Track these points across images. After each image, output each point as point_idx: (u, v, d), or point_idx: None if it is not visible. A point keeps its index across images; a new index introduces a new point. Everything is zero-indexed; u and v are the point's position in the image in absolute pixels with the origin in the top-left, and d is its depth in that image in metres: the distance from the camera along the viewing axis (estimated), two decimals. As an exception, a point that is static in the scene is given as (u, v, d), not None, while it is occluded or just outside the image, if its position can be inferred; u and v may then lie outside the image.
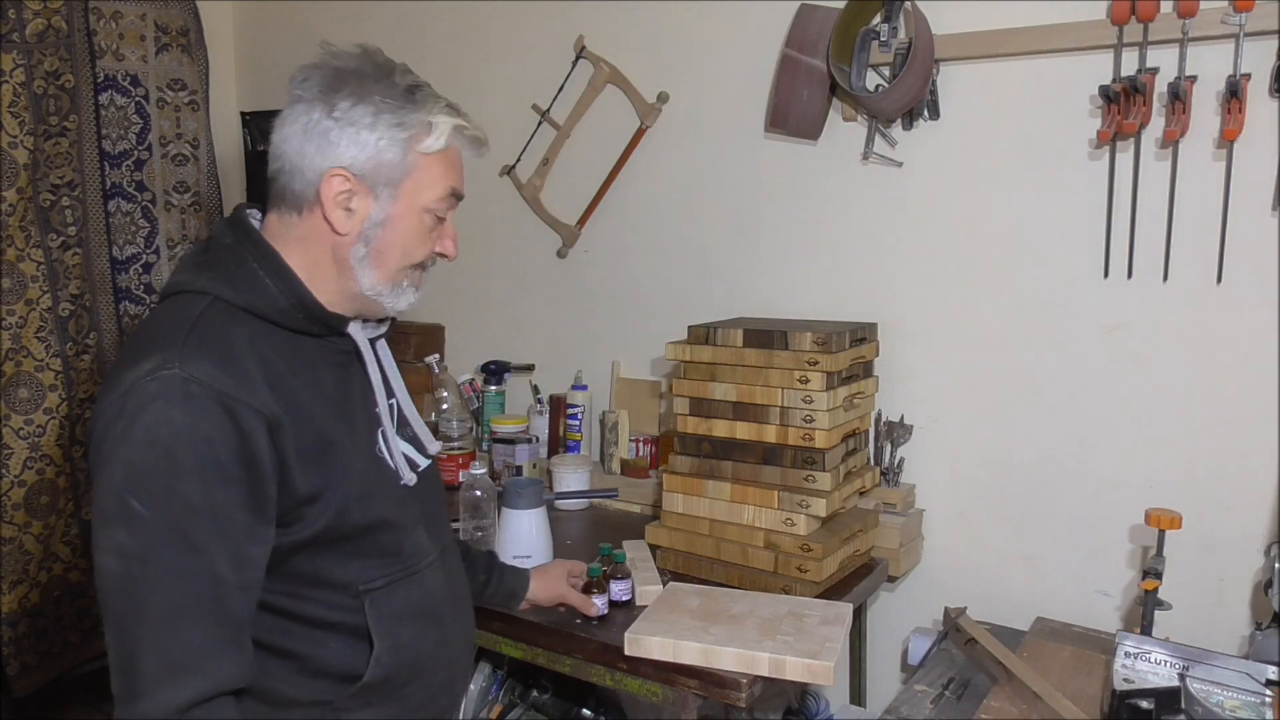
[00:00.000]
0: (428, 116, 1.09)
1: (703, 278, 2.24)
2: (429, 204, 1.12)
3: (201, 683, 0.94)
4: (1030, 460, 1.87)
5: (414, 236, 1.12)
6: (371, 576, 1.10)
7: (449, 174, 1.13)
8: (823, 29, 1.90)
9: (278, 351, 1.06)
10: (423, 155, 1.10)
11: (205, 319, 1.03)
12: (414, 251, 1.13)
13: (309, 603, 1.07)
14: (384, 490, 1.14)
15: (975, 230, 1.89)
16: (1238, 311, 1.65)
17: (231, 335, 1.03)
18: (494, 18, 2.50)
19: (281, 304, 1.07)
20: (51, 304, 2.67)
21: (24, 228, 2.59)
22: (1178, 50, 1.61)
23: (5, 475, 2.61)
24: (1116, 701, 1.34)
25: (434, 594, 1.18)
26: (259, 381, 1.01)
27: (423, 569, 1.17)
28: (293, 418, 1.02)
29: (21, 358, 2.62)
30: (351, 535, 1.08)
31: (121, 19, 2.80)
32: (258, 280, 1.07)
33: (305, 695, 1.08)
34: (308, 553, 1.06)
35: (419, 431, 1.25)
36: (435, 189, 1.12)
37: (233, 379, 0.98)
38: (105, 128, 2.79)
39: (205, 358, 0.98)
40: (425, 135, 1.09)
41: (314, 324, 1.10)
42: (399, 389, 1.24)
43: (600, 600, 1.62)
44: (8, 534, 2.62)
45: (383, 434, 1.17)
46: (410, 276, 1.14)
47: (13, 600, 2.65)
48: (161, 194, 2.95)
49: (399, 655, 1.11)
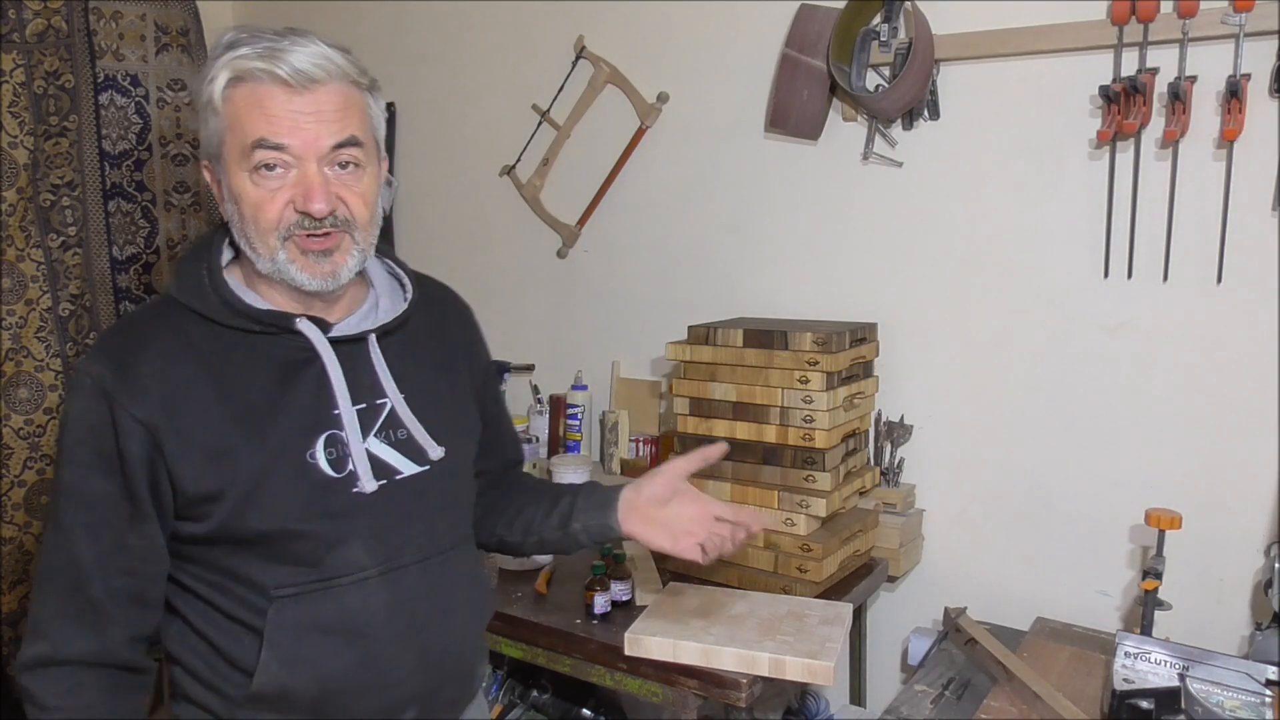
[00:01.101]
0: (211, 72, 1.03)
1: (703, 278, 2.24)
2: (241, 162, 1.03)
3: (44, 646, 1.05)
4: (1030, 460, 1.87)
5: (251, 196, 1.03)
6: (284, 583, 1.06)
7: (249, 117, 1.01)
8: (823, 29, 1.90)
9: (212, 351, 1.06)
10: (218, 115, 1.03)
11: (135, 318, 1.10)
12: (264, 211, 1.03)
13: (229, 597, 1.07)
14: (300, 498, 1.06)
15: (975, 230, 1.89)
16: (1238, 311, 1.65)
17: (151, 335, 1.06)
18: (494, 18, 2.50)
19: (213, 302, 1.07)
20: (51, 304, 2.67)
21: (24, 228, 2.59)
22: (1178, 50, 1.61)
23: (5, 475, 2.61)
24: (1116, 701, 1.34)
25: (354, 611, 1.08)
26: (149, 386, 1.03)
27: (343, 584, 1.08)
28: (179, 422, 1.03)
29: (21, 358, 2.62)
30: (251, 540, 1.05)
31: (121, 19, 2.80)
32: (199, 279, 1.08)
33: (221, 684, 1.08)
34: (223, 548, 1.06)
35: (418, 435, 1.14)
36: (238, 141, 1.02)
37: (120, 380, 1.02)
38: (105, 128, 2.79)
39: (106, 357, 1.05)
40: (215, 92, 1.02)
41: (248, 321, 1.07)
42: (391, 389, 1.14)
43: (602, 599, 1.62)
44: (8, 534, 2.62)
45: (329, 439, 1.08)
46: (287, 248, 1.05)
47: (13, 600, 2.65)
48: (161, 194, 2.95)
49: (296, 669, 1.06)
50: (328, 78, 1.03)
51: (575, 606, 1.67)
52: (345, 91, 1.05)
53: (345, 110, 1.05)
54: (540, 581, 1.77)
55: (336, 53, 1.05)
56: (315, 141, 1.02)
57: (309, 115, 1.02)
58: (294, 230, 1.04)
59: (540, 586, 1.75)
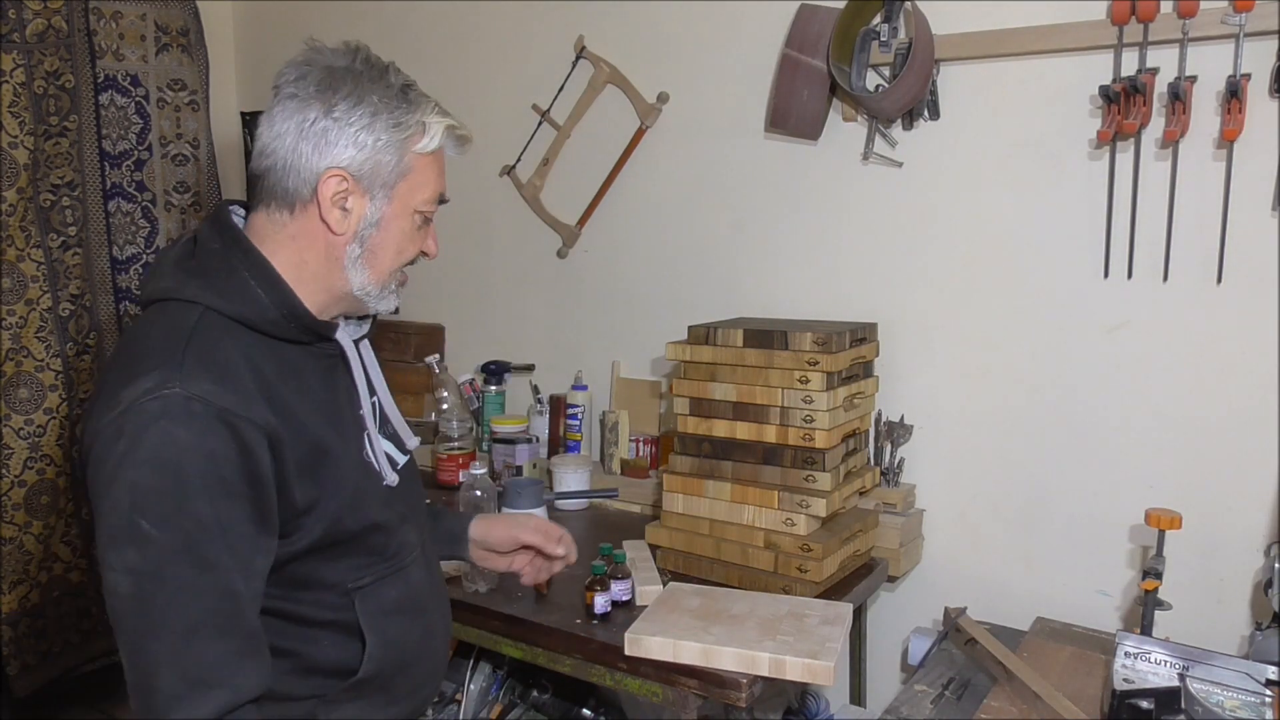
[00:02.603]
0: (422, 117, 1.10)
1: (703, 278, 2.24)
2: (420, 205, 1.13)
3: (225, 695, 0.96)
4: (1030, 460, 1.87)
5: (406, 237, 1.13)
6: (360, 575, 1.12)
7: (439, 175, 1.15)
8: (823, 29, 1.90)
9: (267, 360, 1.06)
10: (417, 156, 1.11)
11: (200, 333, 1.02)
12: (406, 251, 1.14)
13: (301, 604, 1.08)
14: (372, 493, 1.15)
15: (975, 230, 1.89)
16: (1238, 311, 1.65)
17: (226, 349, 1.03)
18: (494, 18, 2.51)
19: (272, 315, 1.07)
20: (51, 304, 2.67)
21: (24, 228, 2.59)
22: (1178, 50, 1.61)
23: (5, 475, 2.61)
24: (1116, 701, 1.34)
25: (418, 587, 1.20)
26: (256, 395, 1.01)
27: (408, 565, 1.19)
28: (289, 429, 1.03)
29: (21, 358, 2.62)
30: (344, 541, 1.10)
31: (121, 19, 2.80)
32: (249, 290, 1.06)
33: (300, 691, 1.10)
34: (300, 559, 1.07)
35: (398, 428, 1.26)
36: (426, 190, 1.13)
37: (233, 395, 0.99)
38: (105, 128, 2.79)
39: (205, 375, 0.98)
40: (420, 136, 1.10)
41: (304, 333, 1.10)
42: (380, 386, 1.25)
43: (602, 599, 1.62)
44: (8, 534, 2.62)
45: (367, 436, 1.18)
46: (398, 277, 1.16)
47: (13, 600, 2.65)
48: (161, 194, 2.95)
49: (389, 650, 1.14)
50: None
51: (575, 606, 1.67)
52: None
53: None
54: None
55: None
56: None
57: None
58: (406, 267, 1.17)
59: (540, 586, 1.75)
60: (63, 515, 2.76)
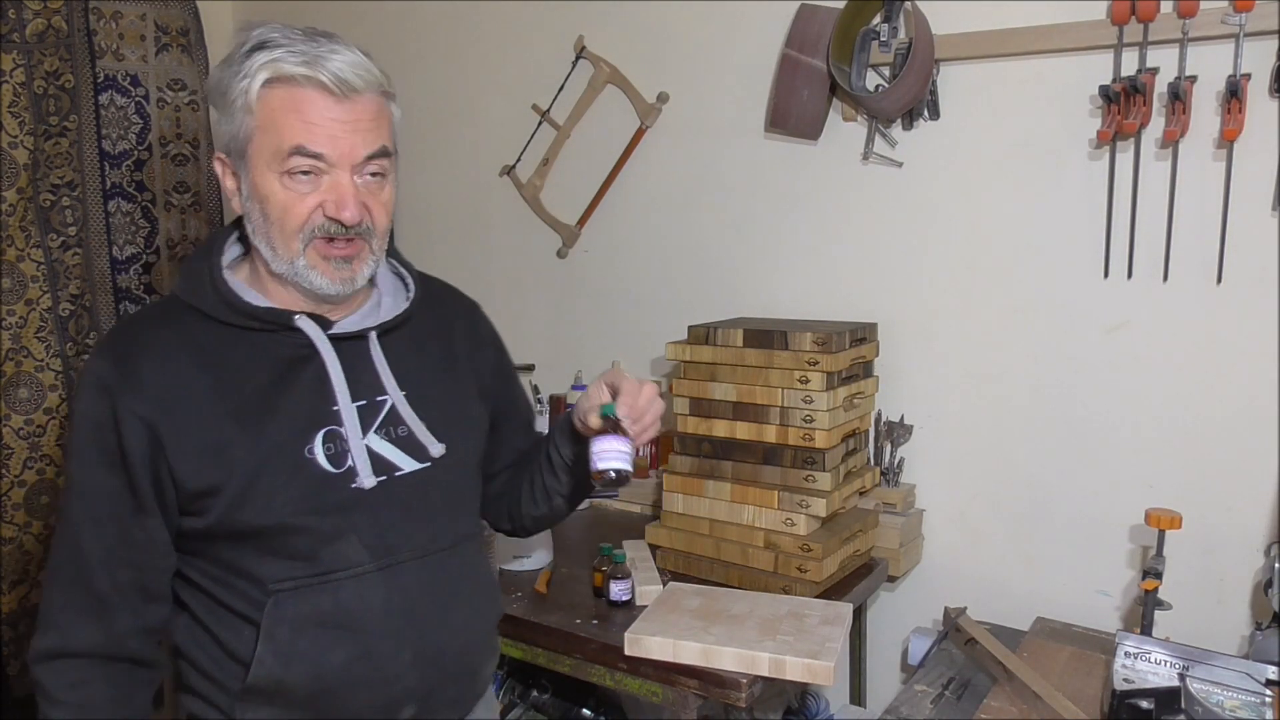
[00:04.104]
0: (245, 74, 1.02)
1: (703, 278, 2.24)
2: (272, 164, 1.03)
3: (53, 638, 1.09)
4: (1030, 460, 1.87)
5: (278, 200, 1.03)
6: (282, 577, 1.07)
7: (286, 127, 1.01)
8: (823, 29, 1.90)
9: (212, 345, 1.07)
10: (250, 114, 1.02)
11: (140, 316, 1.12)
12: (290, 215, 1.03)
13: (231, 592, 1.08)
14: (295, 493, 1.06)
15: (975, 230, 1.89)
16: (1238, 311, 1.65)
17: (152, 333, 1.07)
18: (494, 18, 2.50)
19: (211, 300, 1.08)
20: (51, 304, 2.67)
21: (24, 228, 2.59)
22: (1178, 50, 1.61)
23: (5, 475, 2.61)
24: (1116, 701, 1.34)
25: (351, 606, 1.08)
26: (148, 382, 1.04)
27: (340, 579, 1.08)
28: (177, 419, 1.04)
29: (21, 358, 2.62)
30: (248, 534, 1.06)
31: (121, 19, 2.80)
32: (200, 278, 1.10)
33: (222, 677, 1.10)
34: (224, 543, 1.07)
35: (418, 433, 1.14)
36: (270, 144, 1.02)
37: (120, 377, 1.03)
38: (105, 128, 2.79)
39: (109, 354, 1.06)
40: (246, 93, 1.02)
41: (247, 319, 1.08)
42: (390, 385, 1.14)
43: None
44: (8, 534, 2.62)
45: (327, 434, 1.09)
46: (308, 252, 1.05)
47: (13, 600, 2.65)
48: (162, 194, 2.95)
49: (292, 663, 1.06)
50: (365, 86, 1.04)
51: (576, 606, 1.67)
52: (377, 102, 1.08)
53: (378, 120, 1.07)
54: (540, 582, 1.77)
55: (369, 60, 1.07)
56: (351, 151, 1.04)
57: (347, 124, 1.03)
58: (317, 234, 1.05)
59: (540, 586, 1.75)
60: (63, 515, 2.76)
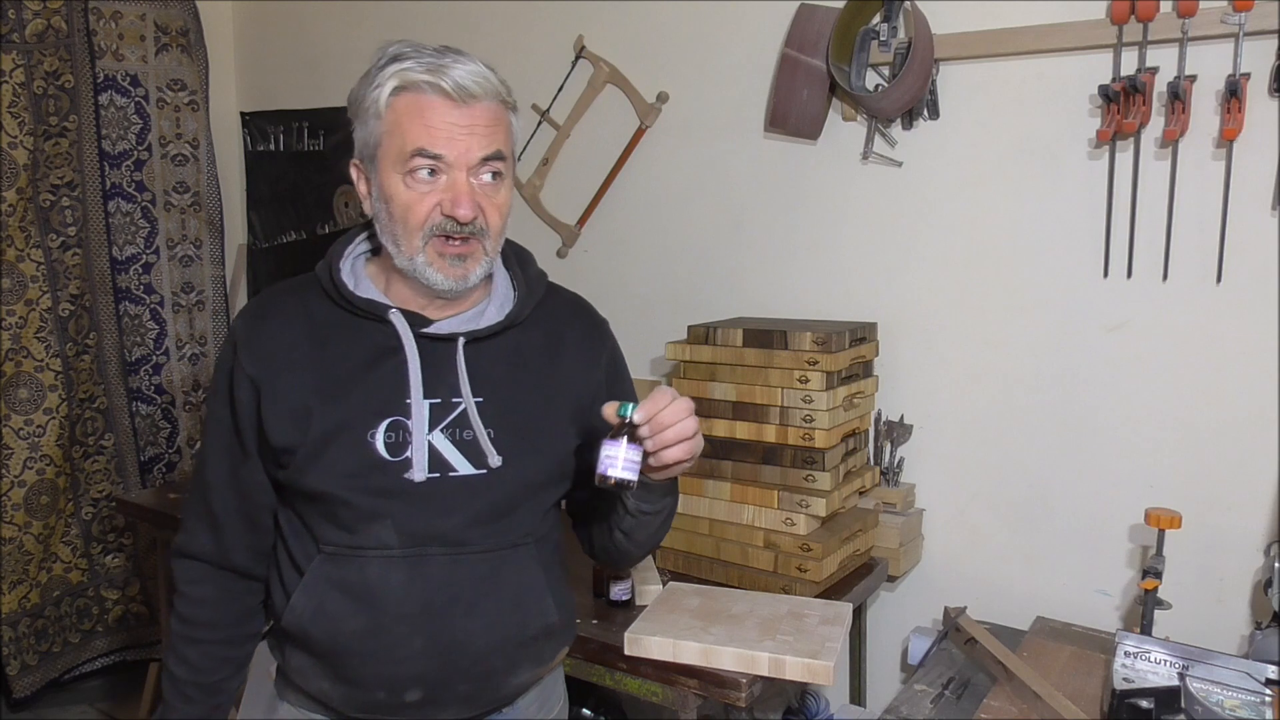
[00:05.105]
0: (378, 81, 1.11)
1: (703, 278, 2.24)
2: (396, 163, 1.11)
3: (182, 539, 1.26)
4: (1030, 460, 1.87)
5: (402, 200, 1.11)
6: (329, 541, 1.16)
7: (410, 130, 1.09)
8: (822, 29, 1.90)
9: (323, 321, 1.18)
10: (381, 119, 1.11)
11: (284, 284, 1.25)
12: (412, 214, 1.11)
13: (297, 541, 1.20)
14: (348, 469, 1.14)
15: (975, 230, 1.89)
16: (1238, 311, 1.65)
17: (282, 302, 1.21)
18: (494, 18, 2.51)
19: (328, 284, 1.19)
20: (51, 304, 2.67)
21: (24, 228, 2.59)
22: (1177, 50, 1.61)
23: (5, 475, 2.61)
24: (1116, 701, 1.34)
25: (375, 584, 1.15)
26: (264, 345, 1.17)
27: (370, 556, 1.15)
28: (276, 381, 1.16)
29: (21, 358, 2.62)
30: (311, 496, 1.16)
31: (121, 19, 2.80)
32: (326, 262, 1.22)
33: (276, 612, 1.23)
34: (299, 498, 1.18)
35: (481, 440, 1.17)
36: (395, 147, 1.10)
37: (247, 336, 1.18)
38: (105, 128, 2.79)
39: (249, 313, 1.22)
40: (379, 99, 1.11)
41: (350, 305, 1.18)
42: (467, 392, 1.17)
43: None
44: (8, 534, 2.62)
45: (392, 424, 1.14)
46: (427, 249, 1.12)
47: (13, 600, 2.65)
48: (161, 194, 2.95)
49: (317, 619, 1.16)
50: (483, 94, 1.13)
51: (576, 606, 1.67)
52: (495, 109, 1.16)
53: (495, 125, 1.15)
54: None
55: (490, 71, 1.15)
56: (467, 153, 1.11)
57: (464, 128, 1.11)
58: (435, 232, 1.12)
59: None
60: (63, 515, 2.76)
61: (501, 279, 1.26)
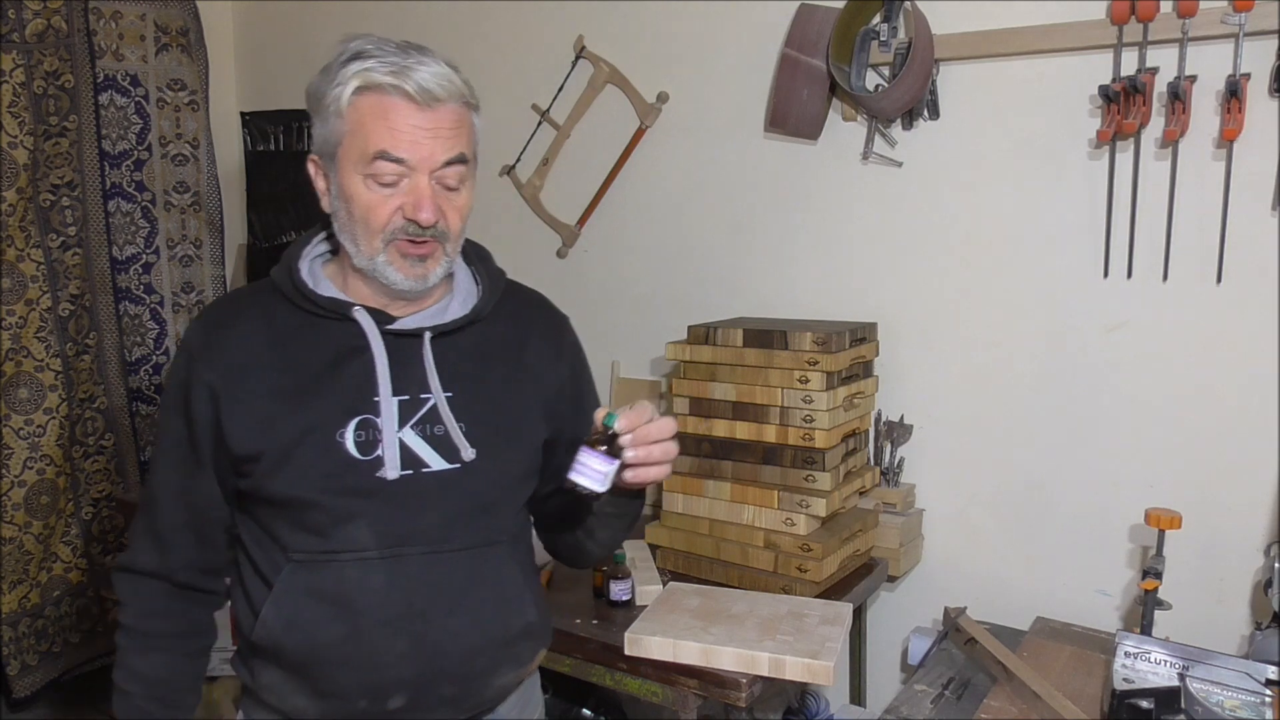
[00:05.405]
0: (340, 79, 1.09)
1: (703, 278, 2.24)
2: (358, 166, 1.09)
3: (126, 555, 1.22)
4: (1030, 460, 1.87)
5: (363, 201, 1.10)
6: (299, 548, 1.14)
7: (373, 132, 1.08)
8: (822, 29, 1.90)
9: (284, 324, 1.17)
10: (342, 119, 1.09)
11: (240, 290, 1.25)
12: (374, 215, 1.10)
13: (262, 552, 1.17)
14: (318, 472, 1.12)
15: (975, 230, 1.89)
16: (1238, 311, 1.65)
17: (238, 309, 1.19)
18: (494, 18, 2.51)
19: (288, 286, 1.17)
20: (51, 304, 2.67)
21: (24, 228, 2.59)
22: (1177, 50, 1.61)
23: (5, 475, 2.61)
24: (1116, 701, 1.34)
25: (353, 589, 1.13)
26: (222, 354, 1.15)
27: (344, 559, 1.13)
28: (239, 388, 1.14)
29: (21, 358, 2.62)
30: (278, 502, 1.14)
31: (121, 19, 2.80)
32: (284, 265, 1.20)
33: (244, 629, 1.19)
34: (263, 507, 1.15)
35: (453, 434, 1.16)
36: (356, 148, 1.09)
37: (203, 345, 1.16)
38: (105, 128, 2.79)
39: (203, 321, 1.19)
40: (340, 97, 1.09)
41: (312, 305, 1.16)
42: (436, 386, 1.17)
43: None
44: (8, 534, 2.62)
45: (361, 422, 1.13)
46: (388, 250, 1.11)
47: (13, 600, 2.65)
48: (161, 194, 2.95)
49: (291, 630, 1.13)
50: (447, 97, 1.10)
51: (575, 606, 1.67)
52: (459, 111, 1.12)
53: (457, 128, 1.12)
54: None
55: (454, 72, 1.11)
56: (430, 156, 1.10)
57: (427, 131, 1.09)
58: (397, 235, 1.11)
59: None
60: (63, 515, 2.76)
61: (464, 275, 1.26)
